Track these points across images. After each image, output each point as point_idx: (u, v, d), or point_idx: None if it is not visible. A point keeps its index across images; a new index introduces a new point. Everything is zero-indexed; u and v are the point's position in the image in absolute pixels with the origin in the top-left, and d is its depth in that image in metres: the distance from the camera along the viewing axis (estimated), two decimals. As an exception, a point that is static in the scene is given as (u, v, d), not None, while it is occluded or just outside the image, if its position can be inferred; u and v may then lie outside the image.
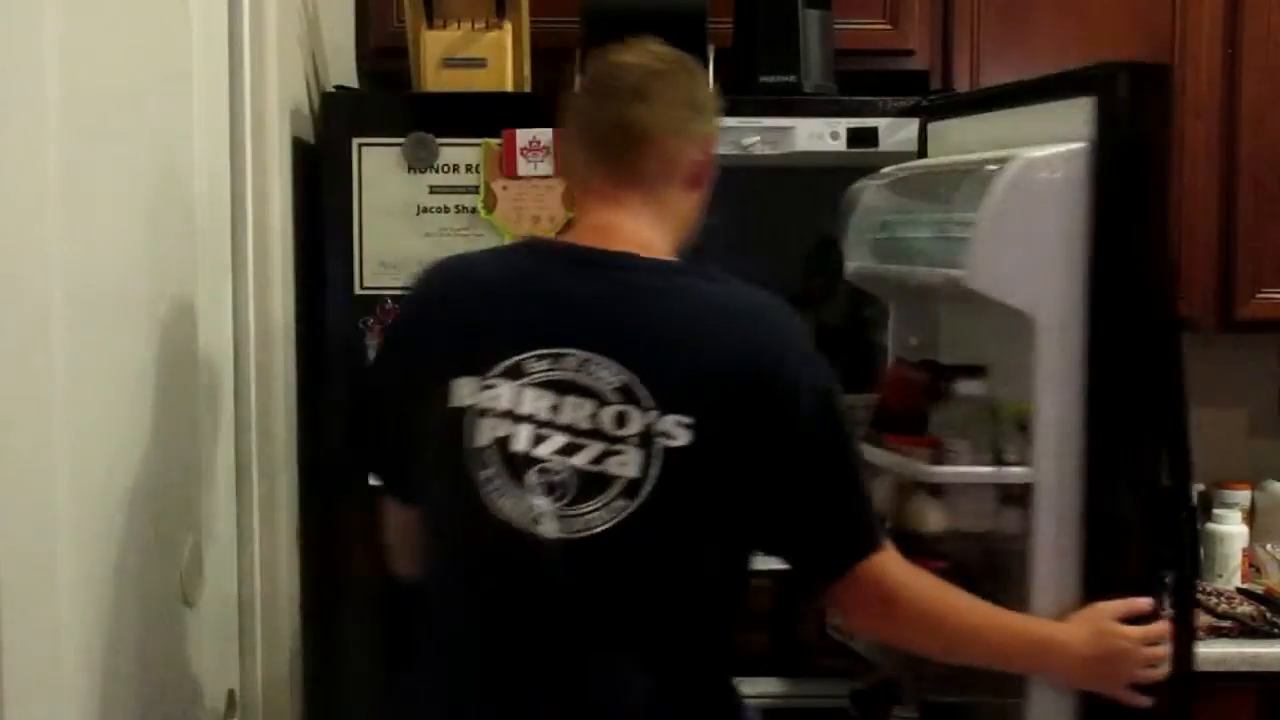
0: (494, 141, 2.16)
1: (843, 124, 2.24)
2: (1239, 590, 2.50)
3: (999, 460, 1.82)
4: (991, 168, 1.80)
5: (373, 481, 1.72)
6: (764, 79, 2.32)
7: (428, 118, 2.17)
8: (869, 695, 2.19)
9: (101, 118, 1.48)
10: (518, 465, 1.46)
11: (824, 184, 2.51)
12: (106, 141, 1.50)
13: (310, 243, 2.19)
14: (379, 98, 2.37)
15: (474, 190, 2.17)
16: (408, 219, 2.16)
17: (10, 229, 1.25)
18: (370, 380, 1.76)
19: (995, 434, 1.84)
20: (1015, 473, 1.81)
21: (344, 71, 2.49)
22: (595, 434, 1.45)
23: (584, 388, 1.46)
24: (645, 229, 1.55)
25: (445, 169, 2.17)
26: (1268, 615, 2.40)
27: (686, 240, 1.62)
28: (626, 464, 1.44)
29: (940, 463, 1.84)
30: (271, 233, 2.04)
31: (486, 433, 1.47)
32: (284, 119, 2.07)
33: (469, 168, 2.17)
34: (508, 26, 2.25)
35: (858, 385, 2.50)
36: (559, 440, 1.46)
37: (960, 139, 2.05)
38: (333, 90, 2.27)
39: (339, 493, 2.19)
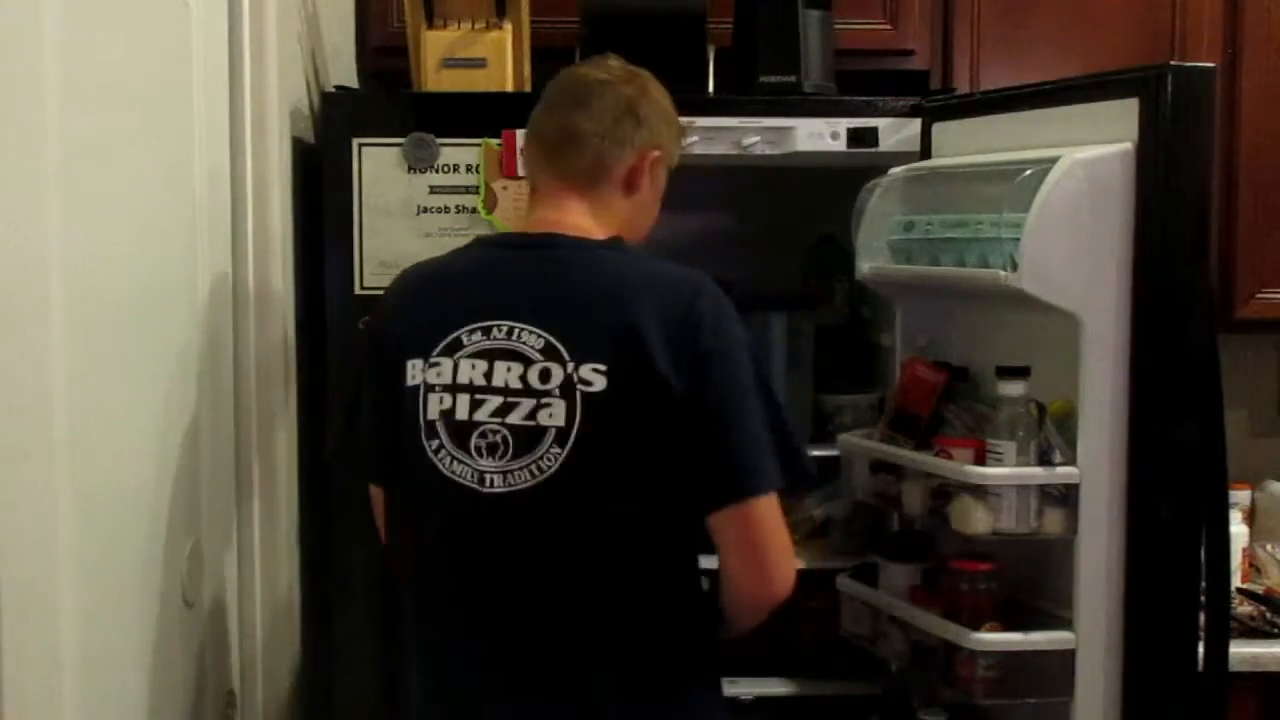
0: (494, 141, 2.16)
1: (843, 124, 2.24)
2: (1239, 590, 2.49)
3: (1044, 461, 1.83)
4: (1038, 168, 1.78)
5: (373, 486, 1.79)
6: (764, 79, 2.31)
7: (428, 118, 2.17)
8: (892, 698, 2.19)
9: (101, 118, 1.48)
10: (462, 432, 1.60)
11: (824, 184, 2.51)
12: (106, 141, 1.50)
13: (310, 243, 2.19)
14: (379, 98, 2.36)
15: (474, 190, 2.17)
16: (408, 219, 2.16)
17: (10, 229, 1.25)
18: (355, 385, 1.79)
19: (1039, 435, 1.84)
20: (1061, 473, 1.81)
21: (344, 71, 2.49)
22: (525, 391, 1.59)
23: (512, 352, 1.60)
24: (583, 221, 1.68)
25: (445, 169, 2.16)
26: (1268, 615, 2.40)
27: (636, 239, 1.74)
28: (555, 414, 1.57)
29: (983, 464, 1.84)
30: (272, 233, 2.04)
31: (434, 407, 1.62)
32: (284, 119, 2.07)
33: (469, 168, 2.17)
34: (508, 26, 2.25)
35: (857, 385, 2.52)
36: (494, 403, 1.60)
37: (984, 140, 2.03)
38: (333, 90, 2.26)
39: (338, 493, 2.19)
